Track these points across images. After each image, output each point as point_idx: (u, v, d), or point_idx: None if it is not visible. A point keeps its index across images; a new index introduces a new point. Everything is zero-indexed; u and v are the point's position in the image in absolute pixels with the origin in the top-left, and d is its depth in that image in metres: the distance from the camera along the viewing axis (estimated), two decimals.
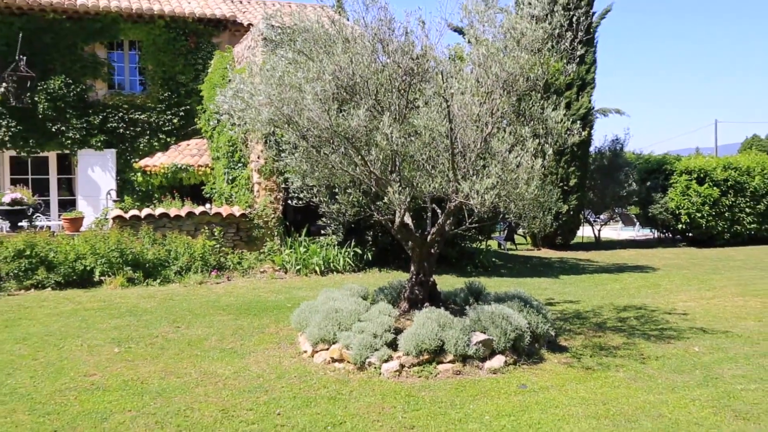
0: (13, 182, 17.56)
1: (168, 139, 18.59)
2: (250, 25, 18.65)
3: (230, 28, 19.13)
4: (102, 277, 12.03)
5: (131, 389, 6.52)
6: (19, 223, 14.15)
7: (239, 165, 14.93)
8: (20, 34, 17.39)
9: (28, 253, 11.70)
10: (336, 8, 8.03)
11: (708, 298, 11.70)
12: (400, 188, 7.18)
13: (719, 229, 22.67)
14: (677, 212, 22.59)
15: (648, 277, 14.37)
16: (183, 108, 18.69)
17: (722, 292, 12.26)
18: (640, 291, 12.54)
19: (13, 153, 18.03)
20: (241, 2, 21.97)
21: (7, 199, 14.19)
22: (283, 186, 13.47)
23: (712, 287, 12.82)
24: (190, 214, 13.77)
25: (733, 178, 22.95)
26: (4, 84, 17.23)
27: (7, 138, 17.65)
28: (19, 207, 14.21)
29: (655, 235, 25.39)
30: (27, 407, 6.09)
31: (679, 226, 22.86)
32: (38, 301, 10.59)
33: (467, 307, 7.94)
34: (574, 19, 7.67)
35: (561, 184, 19.53)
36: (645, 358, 7.77)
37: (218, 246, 13.44)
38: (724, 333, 9.10)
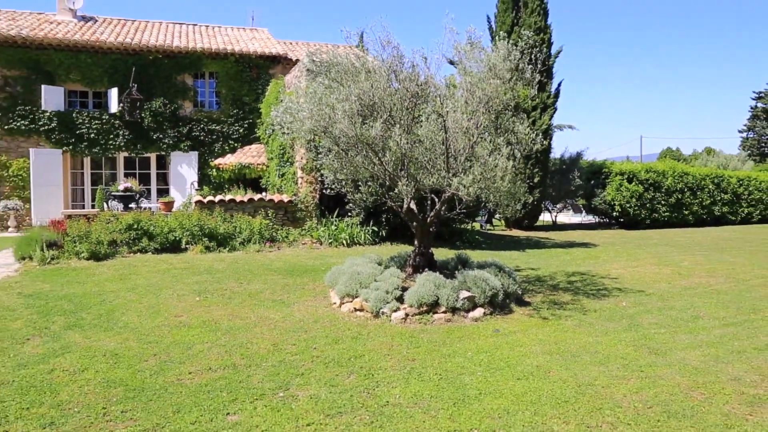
0: (126, 175, 17.66)
1: (235, 144, 18.59)
2: (297, 60, 18.54)
3: (282, 63, 19.05)
4: (187, 245, 12.04)
5: (208, 327, 6.53)
6: (129, 205, 14.23)
7: (287, 163, 14.88)
8: (133, 68, 17.48)
9: (135, 226, 11.74)
10: (360, 47, 7.92)
11: (633, 266, 11.56)
12: (407, 182, 7.12)
13: (642, 216, 22.70)
14: (612, 203, 22.53)
15: (590, 251, 14.23)
16: (246, 121, 18.67)
17: (643, 262, 12.11)
18: (584, 261, 12.42)
19: (126, 154, 18.12)
20: (290, 43, 21.88)
21: (121, 187, 14.30)
22: (319, 180, 13.38)
23: (636, 259, 12.67)
24: (251, 200, 13.74)
25: (653, 179, 23.06)
26: (121, 104, 17.31)
27: (122, 144, 17.79)
28: (129, 193, 14.31)
29: (596, 220, 25.20)
30: (135, 337, 6.14)
31: (614, 213, 22.81)
32: (142, 261, 10.61)
33: (456, 272, 7.88)
34: (532, 57, 7.52)
35: (528, 181, 19.32)
36: (586, 311, 7.71)
37: (271, 224, 13.40)
38: (643, 292, 9.02)
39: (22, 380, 4.89)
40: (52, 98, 17.19)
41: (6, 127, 17.05)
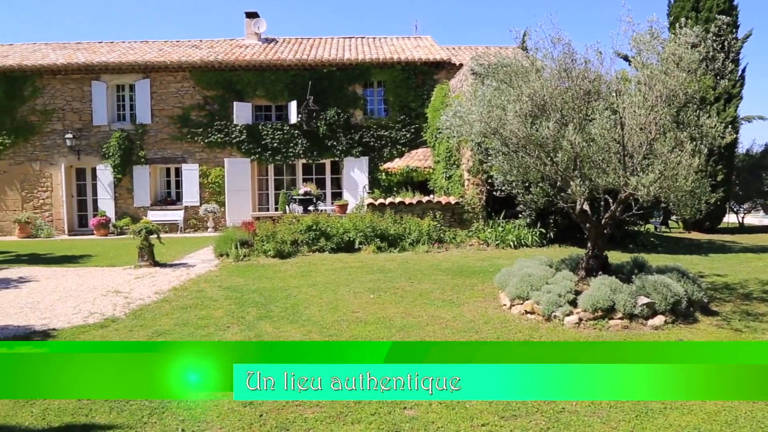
0: (304, 180, 19.00)
1: (403, 149, 19.09)
2: (461, 65, 18.55)
3: (446, 68, 19.18)
4: (360, 245, 12.57)
5: (382, 323, 6.75)
6: (308, 208, 15.24)
7: (454, 166, 14.94)
8: (309, 82, 18.74)
9: (314, 227, 12.53)
10: (522, 45, 7.69)
11: None
12: (581, 182, 6.77)
13: None
14: None
15: None
16: (413, 126, 19.08)
17: None
18: None
19: (304, 161, 19.50)
20: (453, 48, 21.94)
21: (301, 191, 15.38)
22: (486, 181, 13.25)
23: None
24: (419, 202, 13.99)
25: None
26: (299, 115, 18.65)
27: (300, 151, 19.16)
28: (308, 197, 15.33)
29: None
30: (317, 330, 6.51)
31: None
32: (320, 260, 11.29)
33: (633, 277, 7.32)
34: (725, 44, 6.73)
35: (710, 179, 17.42)
36: None
37: (438, 225, 13.52)
38: None
39: None
40: (242, 113, 19.05)
41: (206, 140, 19.24)
